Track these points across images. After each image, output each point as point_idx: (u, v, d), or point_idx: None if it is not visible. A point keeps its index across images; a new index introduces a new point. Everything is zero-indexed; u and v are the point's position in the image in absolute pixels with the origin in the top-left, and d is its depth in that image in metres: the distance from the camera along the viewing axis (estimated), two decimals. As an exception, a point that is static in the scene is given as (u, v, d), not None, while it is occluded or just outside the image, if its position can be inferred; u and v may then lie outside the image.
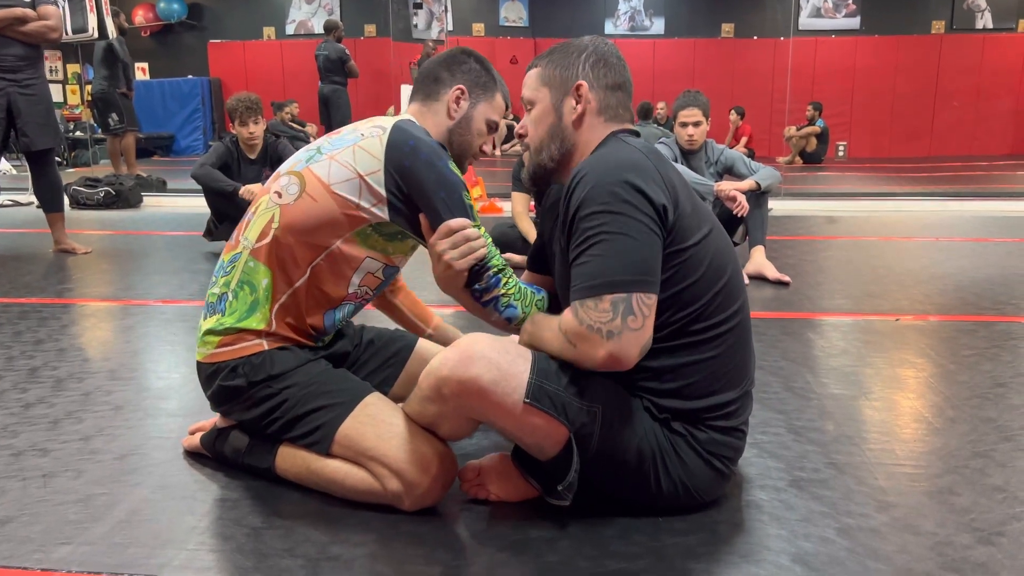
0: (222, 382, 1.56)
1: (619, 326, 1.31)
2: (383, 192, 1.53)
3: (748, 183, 3.63)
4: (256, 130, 4.18)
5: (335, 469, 1.52)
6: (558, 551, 1.37)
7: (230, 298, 1.58)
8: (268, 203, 1.59)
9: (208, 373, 1.61)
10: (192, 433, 1.77)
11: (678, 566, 1.32)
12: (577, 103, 1.53)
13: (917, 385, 2.20)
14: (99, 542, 1.40)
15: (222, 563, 1.34)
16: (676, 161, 3.81)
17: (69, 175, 8.67)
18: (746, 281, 3.54)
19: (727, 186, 3.58)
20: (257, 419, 1.57)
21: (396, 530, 1.43)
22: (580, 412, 1.37)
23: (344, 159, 1.54)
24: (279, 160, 4.29)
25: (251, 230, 1.59)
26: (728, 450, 1.47)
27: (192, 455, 1.75)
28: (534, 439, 1.39)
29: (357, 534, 1.42)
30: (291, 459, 1.57)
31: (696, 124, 3.75)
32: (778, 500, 1.54)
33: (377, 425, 1.49)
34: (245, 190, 4.08)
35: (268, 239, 1.56)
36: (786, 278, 3.49)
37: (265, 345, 1.56)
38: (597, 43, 1.56)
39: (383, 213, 1.55)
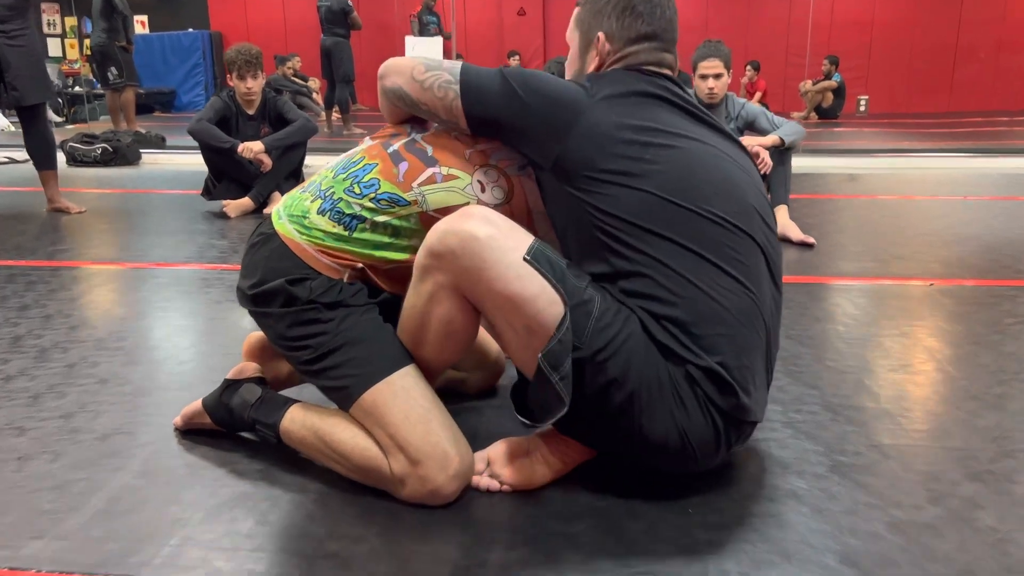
0: (288, 282, 1.43)
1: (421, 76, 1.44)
2: None
3: (771, 139, 3.45)
4: (254, 85, 4.00)
5: (344, 440, 1.39)
6: (579, 548, 1.24)
7: (366, 226, 1.45)
8: (468, 187, 1.46)
9: (279, 258, 1.46)
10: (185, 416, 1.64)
11: (712, 567, 1.19)
12: (596, 55, 1.48)
13: (959, 356, 2.05)
14: (73, 536, 1.27)
15: (207, 561, 1.21)
16: (695, 116, 3.62)
17: (68, 131, 8.50)
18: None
19: (749, 142, 3.39)
20: (289, 339, 1.45)
21: (399, 524, 1.30)
22: (577, 290, 1.27)
23: None
24: (279, 117, 4.12)
25: (436, 195, 1.45)
26: (725, 403, 1.28)
27: (184, 434, 1.62)
28: (524, 318, 1.25)
29: (357, 527, 1.29)
30: (300, 420, 1.46)
31: (717, 76, 3.55)
32: (819, 489, 1.41)
33: (408, 401, 1.36)
34: (244, 147, 3.92)
35: None
36: (811, 239, 3.33)
37: (345, 277, 1.46)
38: None
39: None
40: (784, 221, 3.43)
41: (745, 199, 1.38)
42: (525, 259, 1.26)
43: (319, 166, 1.53)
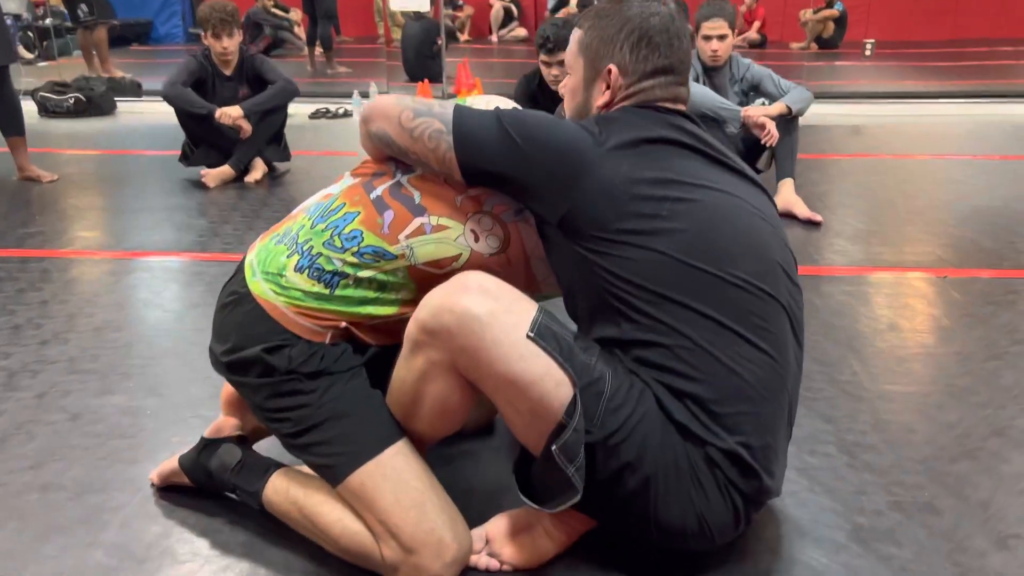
0: (264, 351, 1.31)
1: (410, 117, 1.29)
2: None
3: (778, 107, 3.27)
4: (230, 44, 3.76)
5: (331, 523, 1.29)
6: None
7: (350, 283, 1.32)
8: (460, 237, 1.32)
9: (254, 322, 1.33)
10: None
11: None
12: (606, 88, 1.32)
13: (979, 376, 1.95)
14: (42, 641, 1.18)
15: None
16: (697, 80, 3.43)
17: (40, 70, 8.15)
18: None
19: (755, 112, 3.22)
20: (268, 410, 1.34)
21: (394, 620, 1.22)
22: (587, 368, 1.16)
23: None
24: (257, 78, 3.90)
25: (424, 248, 1.32)
26: (746, 485, 1.20)
27: (161, 492, 1.52)
28: (528, 401, 1.14)
29: (348, 625, 1.21)
30: (283, 493, 1.36)
31: (721, 37, 3.36)
32: (838, 563, 1.32)
33: (398, 483, 1.25)
34: (221, 113, 3.71)
35: (440, 272, 1.32)
36: (817, 217, 3.19)
37: (328, 339, 1.33)
38: (646, 13, 1.30)
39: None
40: (790, 197, 3.29)
41: (769, 255, 1.25)
42: (529, 336, 1.14)
43: (302, 114, 1.30)
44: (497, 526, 1.33)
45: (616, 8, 1.32)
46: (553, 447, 1.12)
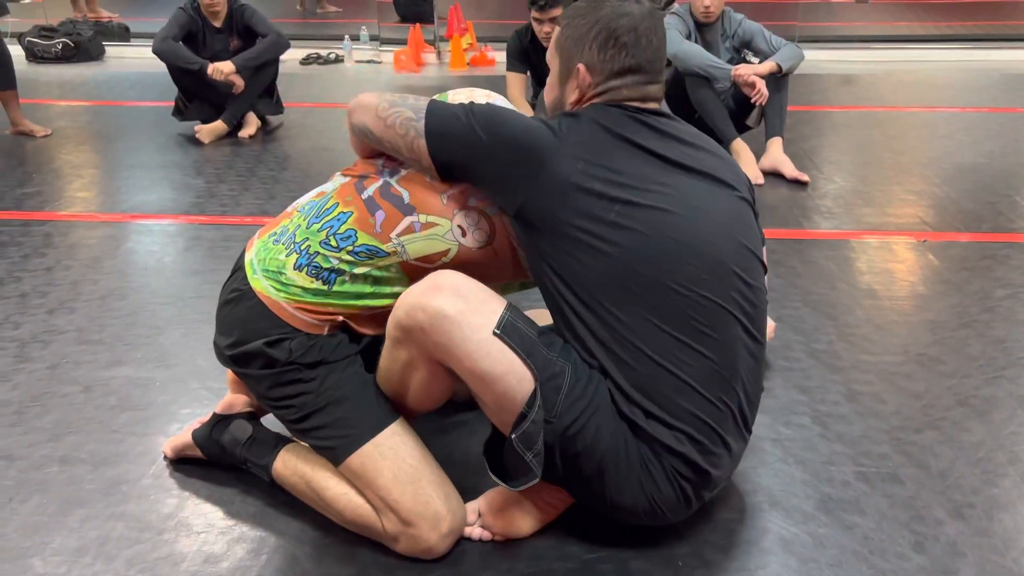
0: (266, 344, 1.40)
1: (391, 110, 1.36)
2: None
3: (768, 66, 3.29)
4: (218, -6, 3.73)
5: (336, 496, 1.40)
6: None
7: (346, 279, 1.40)
8: (448, 233, 1.40)
9: (256, 318, 1.42)
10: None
11: (702, 642, 1.22)
12: (577, 86, 1.39)
13: (948, 346, 2.05)
14: (73, 610, 1.29)
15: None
16: (689, 36, 3.43)
17: (25, 8, 8.00)
18: (761, 181, 3.27)
19: (746, 70, 3.24)
20: (272, 399, 1.44)
21: (395, 588, 1.33)
22: (548, 363, 1.25)
23: None
24: (247, 30, 3.88)
25: (415, 245, 1.39)
26: (692, 474, 1.30)
27: (175, 464, 1.62)
28: (493, 395, 1.25)
29: (353, 594, 1.32)
30: (292, 467, 1.46)
31: (714, -7, 3.35)
32: (806, 532, 1.43)
33: (396, 462, 1.36)
34: (213, 68, 3.71)
35: (431, 266, 1.40)
36: (804, 177, 3.24)
37: (325, 330, 1.42)
38: (616, 13, 1.34)
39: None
40: (778, 156, 3.34)
41: (719, 259, 1.30)
42: (495, 333, 1.23)
43: (293, 60, 1.36)
44: (489, 500, 1.44)
45: (591, 7, 1.36)
46: (512, 435, 1.23)
